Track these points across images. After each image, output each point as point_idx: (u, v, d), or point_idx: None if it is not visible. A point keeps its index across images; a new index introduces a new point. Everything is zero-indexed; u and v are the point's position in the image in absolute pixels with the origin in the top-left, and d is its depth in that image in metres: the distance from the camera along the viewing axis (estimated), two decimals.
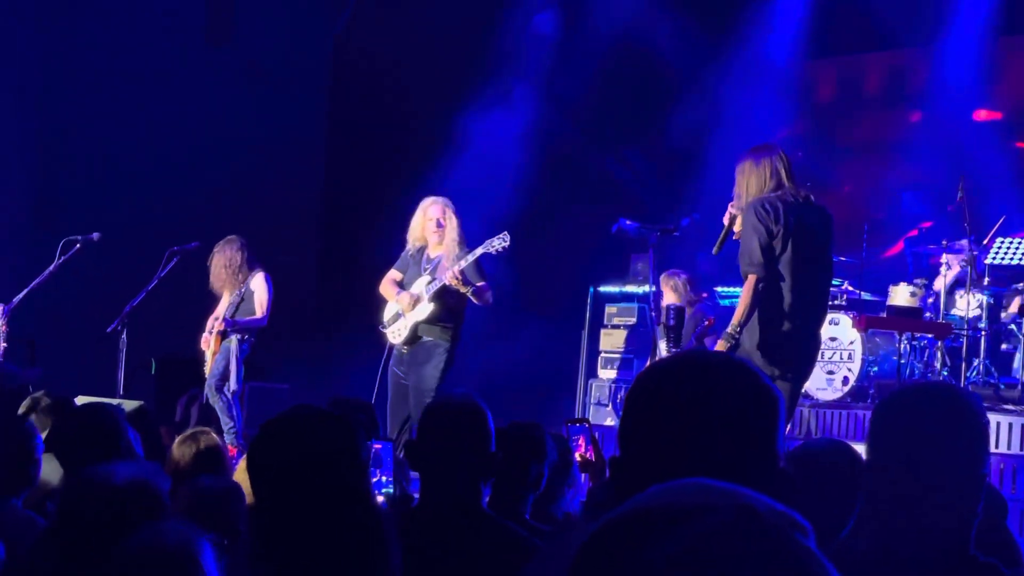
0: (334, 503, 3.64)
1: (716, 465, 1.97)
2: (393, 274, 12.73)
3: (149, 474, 4.79)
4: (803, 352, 9.96)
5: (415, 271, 12.52)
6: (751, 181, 9.74)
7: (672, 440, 2.71)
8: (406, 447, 5.61)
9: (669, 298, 13.92)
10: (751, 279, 9.57)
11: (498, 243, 12.17)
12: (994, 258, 14.02)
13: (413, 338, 12.39)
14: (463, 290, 12.14)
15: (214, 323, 13.71)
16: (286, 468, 3.68)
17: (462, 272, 12.06)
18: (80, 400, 9.13)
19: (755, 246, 9.45)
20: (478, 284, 12.20)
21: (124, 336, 13.92)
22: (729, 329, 9.58)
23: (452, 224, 12.46)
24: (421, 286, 12.37)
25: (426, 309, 12.30)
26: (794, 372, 9.65)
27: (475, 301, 12.31)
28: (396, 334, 12.50)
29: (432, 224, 12.47)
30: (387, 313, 12.66)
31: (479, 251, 12.11)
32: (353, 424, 3.77)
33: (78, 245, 13.80)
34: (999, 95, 17.62)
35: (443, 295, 12.26)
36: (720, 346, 9.65)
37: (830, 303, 14.30)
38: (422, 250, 12.62)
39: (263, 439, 3.77)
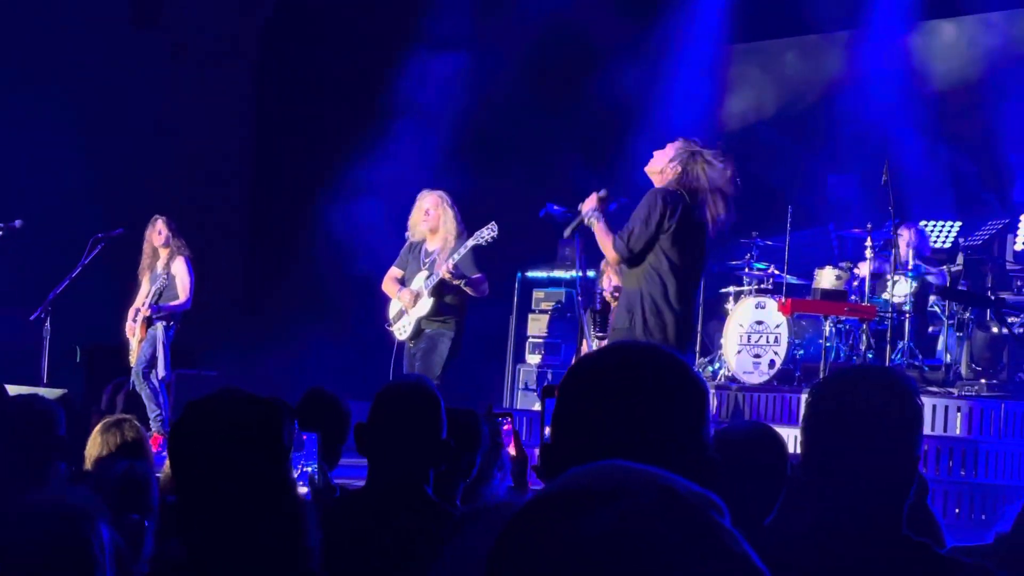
0: (253, 486, 3.62)
1: (644, 452, 1.93)
2: (394, 271, 12.82)
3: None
4: (689, 335, 10.72)
5: (415, 266, 12.66)
6: (678, 162, 10.32)
7: (602, 428, 2.77)
8: (355, 430, 5.58)
9: (615, 281, 13.88)
10: (613, 252, 10.45)
11: (487, 233, 12.36)
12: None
13: (417, 333, 12.55)
14: (457, 283, 12.31)
15: (138, 311, 13.68)
16: (207, 449, 3.66)
17: (456, 266, 12.22)
18: (12, 390, 9.05)
19: (638, 231, 10.21)
20: (473, 276, 12.37)
21: (48, 324, 13.87)
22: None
23: (447, 216, 12.59)
24: (420, 281, 12.51)
25: (427, 304, 12.44)
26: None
27: (470, 293, 12.49)
28: (402, 331, 12.63)
29: (421, 215, 12.61)
30: (391, 311, 12.76)
31: (470, 243, 12.30)
32: (280, 409, 3.72)
33: (1, 232, 13.71)
34: (921, 79, 17.71)
35: (442, 289, 12.40)
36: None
37: (756, 289, 14.48)
38: (420, 245, 12.69)
39: (186, 420, 3.73)
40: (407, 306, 12.48)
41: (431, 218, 12.56)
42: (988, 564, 3.80)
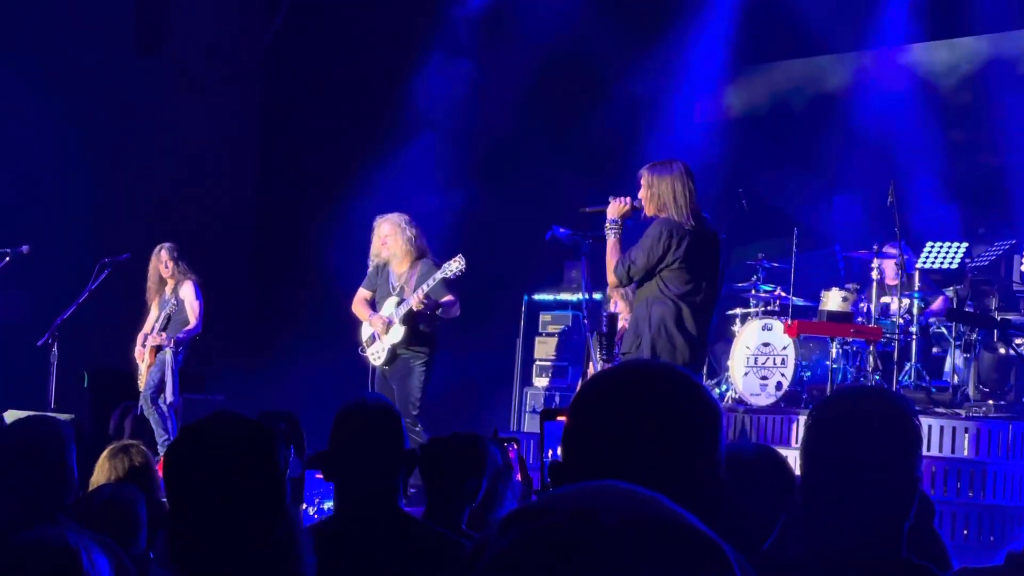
0: (246, 511, 3.62)
1: (653, 473, 1.93)
2: (363, 293, 12.95)
3: None
4: (701, 359, 11.00)
5: (384, 289, 12.78)
6: (663, 192, 10.58)
7: (610, 447, 2.74)
8: (318, 458, 5.61)
9: (620, 307, 13.91)
10: (614, 277, 10.75)
11: (455, 266, 12.43)
12: (924, 262, 14.08)
13: (392, 358, 12.66)
14: (430, 312, 12.51)
15: (147, 337, 13.73)
16: (200, 472, 3.66)
17: (427, 296, 12.38)
18: (11, 416, 9.08)
19: (641, 260, 10.45)
20: (443, 300, 12.52)
21: (55, 349, 13.88)
22: None
23: (405, 239, 12.71)
24: (391, 308, 12.64)
25: (399, 331, 12.58)
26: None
27: (444, 317, 12.67)
28: (376, 357, 12.75)
29: (392, 243, 12.70)
30: (364, 334, 12.86)
31: (439, 276, 12.38)
32: (273, 432, 3.73)
33: (7, 258, 13.75)
34: (927, 100, 17.72)
35: (414, 316, 12.52)
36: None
37: (764, 310, 14.47)
38: (385, 267, 12.79)
39: (181, 443, 3.77)
40: (380, 333, 12.60)
41: (389, 245, 12.71)
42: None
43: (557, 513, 1.63)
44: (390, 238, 12.65)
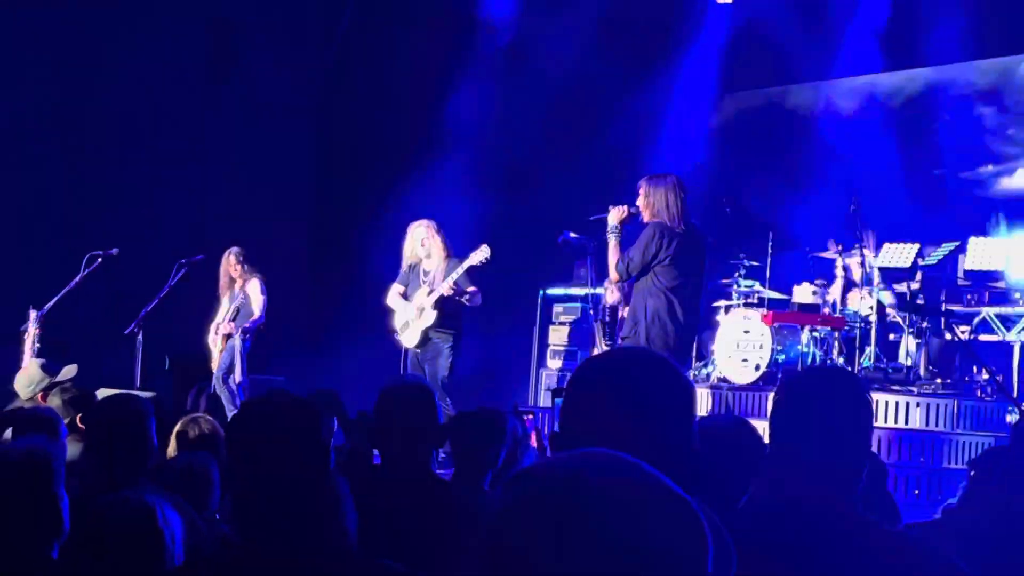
0: (298, 472, 3.61)
1: (634, 443, 1.95)
2: (397, 288, 12.99)
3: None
4: (689, 344, 11.31)
5: (415, 284, 12.81)
6: (658, 201, 10.80)
7: (600, 421, 2.80)
8: (367, 430, 5.64)
9: (610, 298, 14.00)
10: (615, 274, 10.97)
11: (480, 256, 12.51)
12: (882, 261, 14.07)
13: (424, 341, 12.70)
14: (457, 298, 12.56)
15: (219, 326, 13.82)
16: (258, 440, 3.65)
17: (456, 283, 12.48)
18: (103, 393, 9.09)
19: (637, 259, 10.65)
20: (469, 290, 12.60)
21: (140, 337, 13.90)
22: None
23: (438, 242, 12.78)
24: (423, 297, 12.67)
25: (431, 316, 12.63)
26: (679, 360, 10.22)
27: (468, 304, 12.69)
28: (409, 340, 12.77)
29: (421, 245, 12.77)
30: (397, 322, 12.89)
31: (466, 264, 12.51)
32: (318, 407, 3.74)
33: (100, 259, 13.76)
34: (885, 122, 17.70)
35: (442, 303, 12.58)
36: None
37: (744, 303, 14.48)
38: (417, 265, 12.86)
39: (242, 415, 3.76)
40: (413, 317, 12.60)
41: (428, 244, 12.81)
42: (932, 534, 3.81)
43: (553, 476, 1.64)
44: (428, 239, 12.76)
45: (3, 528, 4.13)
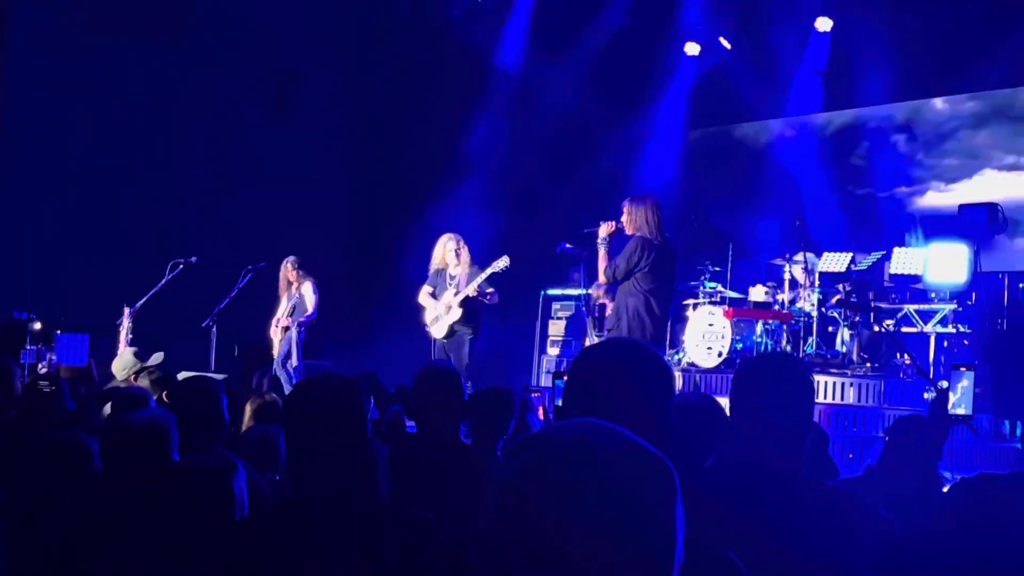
0: (342, 438, 3.62)
1: (622, 418, 1.98)
2: (426, 289, 12.93)
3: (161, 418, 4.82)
4: (662, 334, 11.20)
5: (443, 286, 12.75)
6: (638, 218, 10.82)
7: (596, 397, 2.87)
8: (403, 404, 5.68)
9: (598, 297, 14.04)
10: (603, 278, 10.99)
11: (501, 264, 12.46)
12: (822, 266, 14.08)
13: (450, 333, 12.65)
14: (480, 299, 12.56)
15: (279, 321, 13.87)
16: (310, 411, 3.67)
17: (479, 286, 12.47)
18: (183, 375, 9.11)
19: (622, 266, 10.67)
20: (488, 291, 12.58)
21: (214, 329, 13.92)
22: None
23: (464, 252, 12.80)
24: (450, 297, 12.62)
25: (457, 313, 12.60)
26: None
27: (487, 303, 12.68)
28: (438, 331, 12.71)
29: (451, 254, 12.76)
30: (428, 317, 12.82)
31: (489, 271, 12.46)
32: (359, 386, 3.77)
33: (181, 265, 13.78)
34: (824, 152, 17.71)
35: (466, 302, 12.55)
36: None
37: (710, 301, 14.49)
38: (443, 270, 12.80)
39: (297, 392, 3.79)
40: (442, 314, 12.58)
41: (461, 254, 12.78)
42: (858, 488, 3.82)
43: (557, 439, 1.66)
44: (461, 250, 12.76)
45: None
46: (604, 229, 11.10)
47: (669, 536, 1.60)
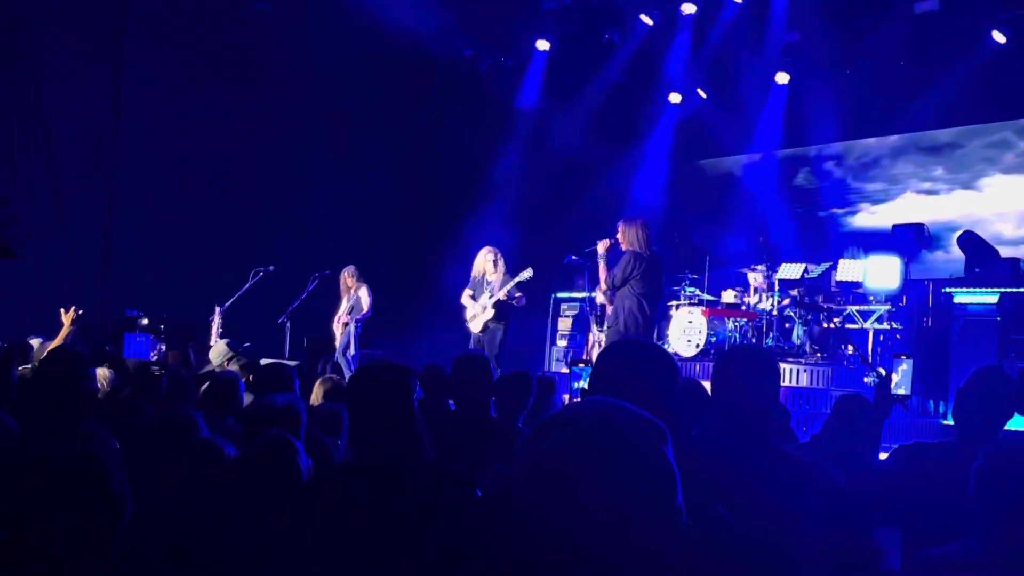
0: (395, 412, 3.64)
1: (637, 399, 2.00)
2: (467, 292, 12.91)
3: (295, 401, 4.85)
4: (651, 330, 11.26)
5: (480, 290, 12.73)
6: (631, 236, 10.91)
7: (615, 382, 2.92)
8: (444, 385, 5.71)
9: (599, 300, 14.04)
10: (605, 286, 11.09)
11: (527, 274, 12.50)
12: (781, 274, 14.08)
13: (485, 328, 12.64)
14: (510, 301, 12.57)
15: (340, 318, 13.89)
16: (368, 391, 3.69)
17: (509, 292, 12.47)
18: (264, 361, 9.16)
19: (619, 276, 10.80)
20: (517, 295, 12.57)
21: (288, 325, 13.97)
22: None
23: (500, 262, 12.77)
24: (486, 299, 12.62)
25: (491, 312, 12.61)
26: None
27: (516, 305, 12.68)
28: (475, 327, 12.71)
29: (490, 264, 12.73)
30: (468, 315, 12.80)
31: (517, 279, 12.49)
32: (407, 370, 3.79)
33: (261, 273, 13.83)
34: (783, 180, 17.71)
35: (498, 304, 12.55)
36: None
37: (689, 303, 14.47)
38: (483, 277, 12.78)
39: (357, 375, 3.81)
40: (479, 313, 12.55)
41: (498, 263, 12.74)
42: (806, 454, 3.83)
43: (582, 411, 1.68)
44: (498, 260, 12.74)
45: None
46: (602, 246, 11.17)
47: (669, 475, 1.62)
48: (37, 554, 2.82)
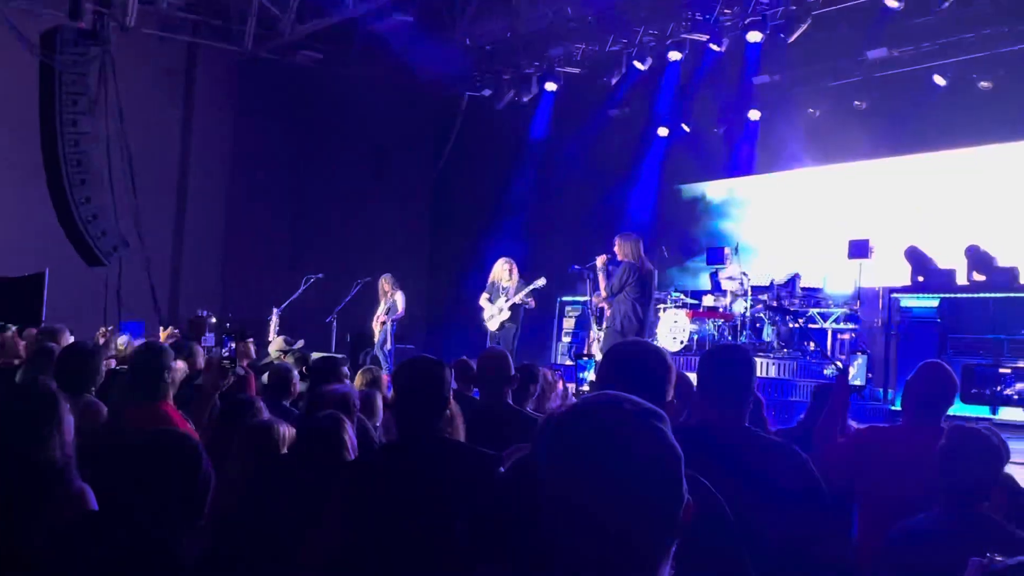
0: (431, 398, 3.64)
1: (639, 392, 2.01)
2: (485, 295, 12.77)
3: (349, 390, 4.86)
4: (644, 328, 11.06)
5: (496, 294, 12.61)
6: (627, 249, 10.83)
7: (620, 376, 2.92)
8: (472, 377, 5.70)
9: (597, 303, 14.03)
10: (604, 293, 10.99)
11: (540, 283, 12.49)
12: (753, 281, 14.06)
13: (501, 327, 12.55)
14: (523, 305, 12.52)
15: (378, 318, 13.90)
16: (410, 383, 3.68)
17: (523, 297, 12.44)
18: (315, 355, 9.18)
19: (616, 284, 10.77)
20: (528, 301, 12.53)
21: (334, 323, 13.99)
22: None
23: (515, 270, 12.66)
24: (502, 302, 12.53)
25: (507, 314, 12.52)
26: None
27: (528, 308, 12.65)
28: (492, 326, 12.60)
29: (506, 272, 12.59)
30: (485, 315, 12.67)
31: (532, 287, 12.44)
32: (444, 364, 3.80)
33: (312, 279, 13.87)
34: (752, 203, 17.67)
35: (512, 307, 12.50)
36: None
37: (675, 305, 14.42)
38: (498, 283, 12.68)
39: (400, 369, 3.80)
40: (496, 313, 12.51)
41: (514, 272, 12.64)
42: (788, 439, 3.82)
43: (599, 405, 1.68)
44: (512, 269, 12.61)
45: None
46: (600, 261, 11.16)
47: (677, 454, 1.64)
48: (138, 521, 2.86)
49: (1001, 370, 10.25)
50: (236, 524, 3.64)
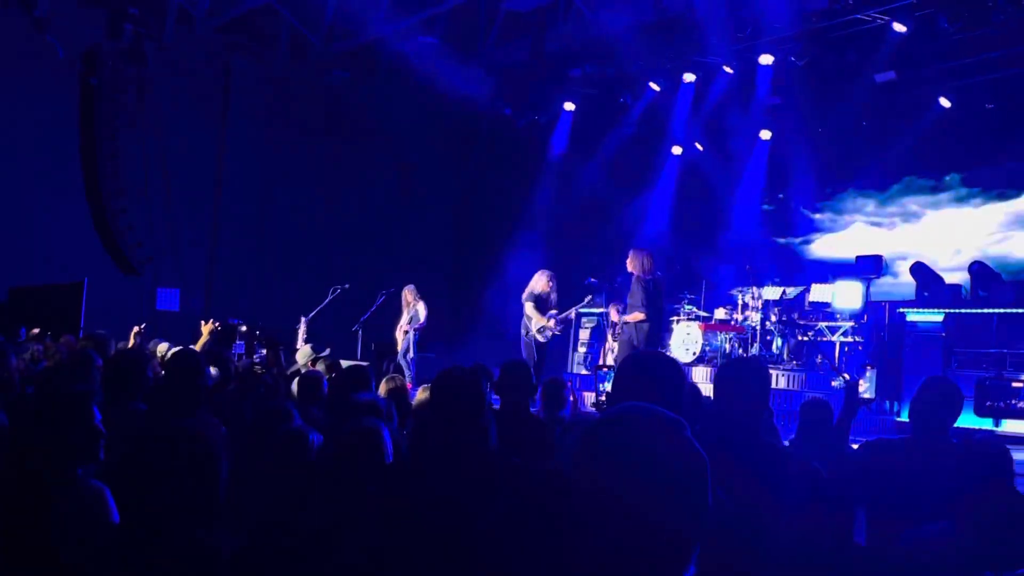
0: (467, 406, 3.63)
1: (656, 401, 2.02)
2: (532, 304, 12.30)
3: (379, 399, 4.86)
4: (658, 340, 11.20)
5: (544, 307, 12.17)
6: (637, 262, 10.79)
7: (635, 388, 2.88)
8: (493, 385, 5.68)
9: (613, 316, 14.02)
10: (640, 315, 10.75)
11: (588, 300, 12.46)
12: (765, 296, 14.02)
13: (550, 339, 12.29)
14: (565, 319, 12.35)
15: (401, 327, 13.91)
16: (446, 393, 3.68)
17: (566, 317, 12.28)
18: (344, 363, 9.19)
19: (641, 298, 10.71)
20: (571, 316, 12.42)
21: (360, 332, 14.03)
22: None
23: (554, 284, 12.31)
24: (550, 320, 12.15)
25: (559, 329, 12.28)
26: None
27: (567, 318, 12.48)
28: (542, 336, 12.18)
29: (547, 285, 12.23)
30: (535, 325, 12.15)
31: (577, 308, 12.37)
32: (479, 372, 3.79)
33: (339, 289, 13.91)
34: (764, 219, 17.64)
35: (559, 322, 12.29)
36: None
37: (688, 318, 14.40)
38: (542, 295, 12.26)
39: (439, 379, 3.77)
40: (550, 327, 12.14)
41: (554, 285, 12.34)
42: (791, 449, 3.82)
43: (630, 416, 1.70)
44: (553, 282, 12.27)
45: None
46: (614, 314, 11.06)
47: (703, 461, 1.66)
48: (161, 503, 2.90)
49: (1015, 384, 10.20)
50: (271, 525, 3.65)
